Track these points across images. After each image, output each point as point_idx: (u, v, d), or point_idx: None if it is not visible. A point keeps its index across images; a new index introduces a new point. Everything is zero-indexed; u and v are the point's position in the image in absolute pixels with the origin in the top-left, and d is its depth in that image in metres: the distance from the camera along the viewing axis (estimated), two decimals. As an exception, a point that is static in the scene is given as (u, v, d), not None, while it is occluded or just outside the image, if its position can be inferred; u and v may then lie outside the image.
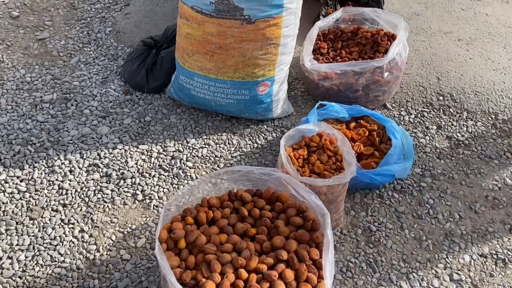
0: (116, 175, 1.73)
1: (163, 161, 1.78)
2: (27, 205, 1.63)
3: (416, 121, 1.97)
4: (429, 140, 1.89)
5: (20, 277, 1.44)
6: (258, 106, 1.83)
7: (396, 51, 1.86)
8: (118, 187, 1.70)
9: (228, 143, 1.85)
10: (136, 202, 1.66)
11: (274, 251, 1.18)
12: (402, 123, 1.96)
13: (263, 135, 1.89)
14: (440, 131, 1.93)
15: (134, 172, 1.74)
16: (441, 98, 2.07)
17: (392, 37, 2.03)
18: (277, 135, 1.89)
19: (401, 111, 2.01)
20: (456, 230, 1.58)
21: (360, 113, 1.81)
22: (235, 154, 1.81)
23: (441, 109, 2.03)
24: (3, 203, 1.63)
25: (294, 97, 2.07)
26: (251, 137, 1.87)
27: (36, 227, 1.57)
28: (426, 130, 1.93)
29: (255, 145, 1.85)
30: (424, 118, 1.99)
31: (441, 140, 1.89)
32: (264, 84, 1.78)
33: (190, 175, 1.74)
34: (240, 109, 1.83)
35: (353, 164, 1.41)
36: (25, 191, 1.67)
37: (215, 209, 1.29)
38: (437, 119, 1.98)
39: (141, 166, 1.76)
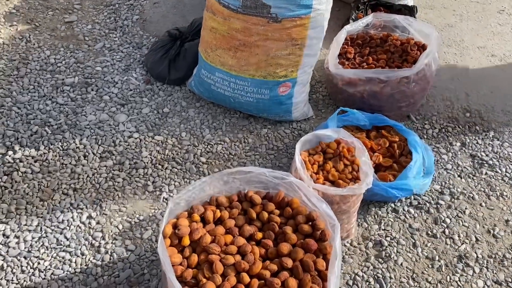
0: (129, 164, 1.72)
1: (177, 154, 1.77)
2: (39, 186, 1.63)
3: (439, 136, 1.90)
4: (451, 156, 1.82)
5: (25, 257, 1.44)
6: (277, 107, 1.79)
7: (425, 62, 1.79)
8: (130, 176, 1.69)
9: (244, 142, 1.82)
10: (146, 193, 1.64)
11: (279, 257, 1.14)
12: (425, 136, 1.90)
13: (280, 136, 1.85)
14: (463, 148, 1.86)
15: (147, 162, 1.73)
16: (468, 114, 2.00)
17: (422, 47, 1.96)
18: (294, 138, 1.85)
19: (425, 124, 1.95)
20: (471, 253, 1.52)
21: (382, 122, 1.76)
22: (250, 153, 1.78)
23: (467, 126, 1.95)
24: (16, 182, 1.64)
25: (315, 101, 2.03)
26: (267, 138, 1.84)
27: (46, 209, 1.57)
28: (449, 146, 1.86)
29: (271, 146, 1.81)
30: (449, 133, 1.92)
31: (464, 158, 1.82)
32: (285, 85, 1.74)
33: (203, 171, 1.71)
34: (258, 108, 1.80)
35: (370, 175, 1.36)
36: (38, 172, 1.67)
37: (223, 208, 1.26)
38: (462, 136, 1.91)
39: (155, 157, 1.75)
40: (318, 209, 1.19)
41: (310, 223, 1.22)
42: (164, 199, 1.63)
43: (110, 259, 1.46)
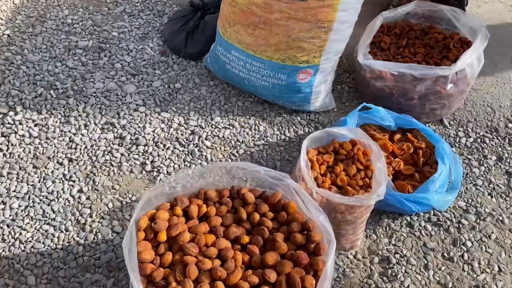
0: (130, 139, 1.62)
1: (182, 134, 1.65)
2: (34, 152, 1.56)
3: (473, 147, 1.69)
4: (483, 171, 1.62)
5: (8, 225, 1.38)
6: (295, 95, 1.63)
7: (468, 61, 1.58)
8: (129, 152, 1.59)
9: (254, 129, 1.68)
10: (143, 172, 1.54)
11: (264, 268, 1.01)
12: (457, 145, 1.69)
13: (294, 127, 1.69)
14: (499, 163, 1.65)
15: (149, 139, 1.62)
16: (510, 125, 1.77)
17: (467, 45, 1.74)
18: (310, 130, 1.69)
19: (459, 131, 1.74)
20: (491, 285, 1.34)
21: (409, 125, 1.57)
22: (259, 142, 1.64)
23: (507, 138, 1.73)
24: (12, 144, 1.57)
25: (340, 92, 1.85)
26: (280, 127, 1.69)
27: (37, 177, 1.49)
28: (483, 159, 1.65)
29: (283, 137, 1.66)
30: (484, 144, 1.70)
31: (498, 175, 1.61)
32: (306, 71, 1.58)
33: (206, 156, 1.59)
34: (274, 94, 1.65)
35: (383, 185, 1.20)
36: (36, 137, 1.60)
37: (212, 203, 1.13)
38: (500, 149, 1.69)
39: (158, 135, 1.64)
40: (315, 220, 1.05)
41: (305, 232, 1.08)
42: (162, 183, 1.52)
43: (94, 239, 1.37)
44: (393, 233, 1.43)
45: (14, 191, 1.46)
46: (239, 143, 1.63)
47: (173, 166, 1.56)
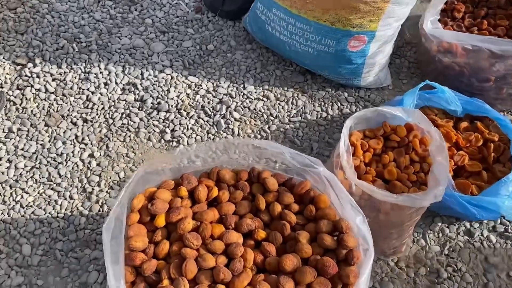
0: (152, 103, 1.45)
1: (208, 103, 1.45)
2: (48, 108, 1.42)
3: (559, 145, 1.38)
4: None
5: (10, 186, 1.26)
6: (343, 66, 1.39)
7: None
8: (149, 117, 1.42)
9: (292, 103, 1.45)
10: (162, 141, 1.37)
11: (279, 274, 0.81)
12: (538, 141, 1.39)
13: (339, 104, 1.45)
14: None
15: (172, 105, 1.44)
16: None
17: None
18: (358, 109, 1.45)
19: (542, 124, 1.43)
20: None
21: (480, 111, 1.29)
22: (295, 118, 1.41)
23: None
24: (27, 99, 1.44)
25: (398, 67, 1.58)
26: (322, 103, 1.45)
27: (48, 136, 1.36)
28: None
29: (325, 114, 1.43)
30: None
31: None
32: (359, 38, 1.32)
33: (233, 129, 1.39)
34: (318, 63, 1.41)
35: (443, 184, 0.94)
36: (52, 92, 1.46)
37: (225, 186, 0.93)
38: None
39: (182, 101, 1.45)
40: (350, 221, 0.82)
41: (336, 234, 0.86)
42: (180, 154, 1.34)
43: (99, 210, 1.22)
44: (447, 240, 1.18)
45: (22, 149, 1.33)
46: (272, 118, 1.42)
47: (195, 138, 1.38)
